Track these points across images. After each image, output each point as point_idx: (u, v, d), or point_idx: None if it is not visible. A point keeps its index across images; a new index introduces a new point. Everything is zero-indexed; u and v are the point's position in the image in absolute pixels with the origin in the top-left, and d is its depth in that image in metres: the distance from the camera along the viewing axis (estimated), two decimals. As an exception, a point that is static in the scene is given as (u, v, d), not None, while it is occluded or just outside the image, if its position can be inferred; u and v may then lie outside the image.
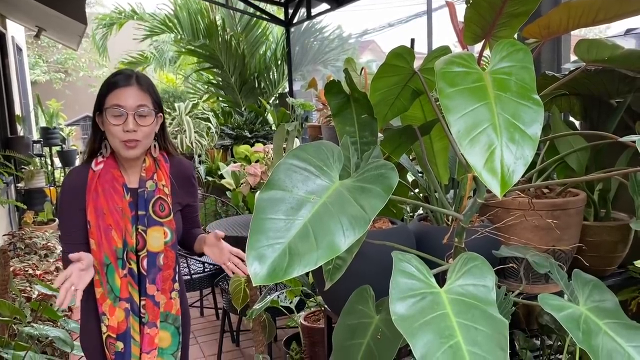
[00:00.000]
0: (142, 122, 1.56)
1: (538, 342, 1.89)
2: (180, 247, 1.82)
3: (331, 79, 1.47)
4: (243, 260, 1.63)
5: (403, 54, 1.24)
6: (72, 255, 1.49)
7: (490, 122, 0.87)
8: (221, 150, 6.01)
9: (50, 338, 2.19)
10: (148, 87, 1.60)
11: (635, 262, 1.49)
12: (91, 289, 1.62)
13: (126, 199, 1.62)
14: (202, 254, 1.79)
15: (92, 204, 1.59)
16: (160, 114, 1.66)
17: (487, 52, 1.27)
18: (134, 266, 1.63)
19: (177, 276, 1.71)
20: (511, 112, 0.89)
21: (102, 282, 1.61)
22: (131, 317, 1.63)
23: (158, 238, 1.64)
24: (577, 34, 2.31)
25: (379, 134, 1.48)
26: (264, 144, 5.57)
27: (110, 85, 1.57)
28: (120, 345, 1.63)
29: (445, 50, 1.22)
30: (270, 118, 6.31)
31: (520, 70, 0.95)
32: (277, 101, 6.77)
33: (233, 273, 1.65)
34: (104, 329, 1.63)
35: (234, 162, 5.18)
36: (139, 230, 1.62)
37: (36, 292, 3.34)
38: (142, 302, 1.64)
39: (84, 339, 1.72)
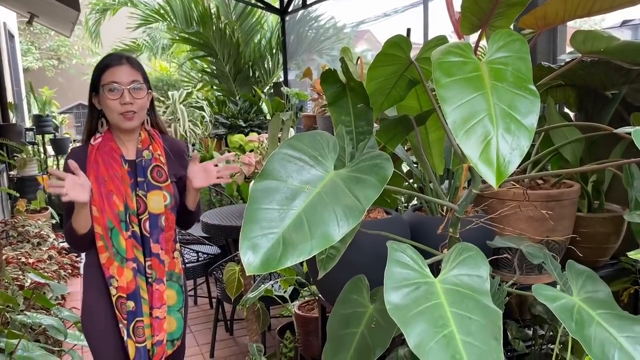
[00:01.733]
0: (136, 95, 1.72)
1: (530, 332, 1.90)
2: (180, 227, 1.95)
3: (326, 68, 1.46)
4: (228, 162, 1.85)
5: (400, 43, 1.23)
6: (70, 162, 1.62)
7: (486, 112, 0.86)
8: (215, 139, 5.98)
9: (43, 326, 2.19)
10: (137, 66, 1.77)
11: (628, 254, 1.50)
12: (94, 261, 1.74)
13: (124, 167, 1.74)
14: (196, 206, 1.90)
15: (93, 174, 1.70)
16: (150, 90, 1.80)
17: (482, 43, 1.26)
18: (136, 229, 1.74)
19: (176, 237, 1.85)
20: (507, 102, 0.89)
21: (108, 246, 1.71)
22: (138, 277, 1.74)
23: (158, 201, 1.76)
24: (572, 25, 2.31)
25: (374, 124, 1.47)
26: (259, 133, 5.55)
27: (104, 65, 1.73)
28: (131, 304, 1.73)
29: (442, 40, 1.21)
30: (264, 107, 6.28)
31: (516, 61, 0.95)
32: (272, 90, 6.73)
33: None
34: (113, 291, 1.72)
35: (228, 152, 5.16)
36: (139, 195, 1.74)
37: (29, 281, 3.33)
38: (147, 263, 1.75)
39: (90, 312, 1.80)
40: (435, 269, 0.99)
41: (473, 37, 1.32)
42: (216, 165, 1.82)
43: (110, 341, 1.77)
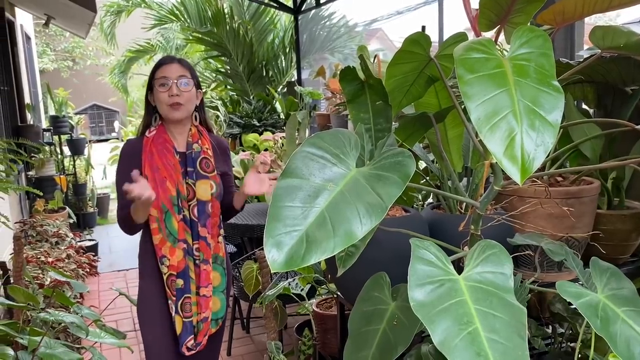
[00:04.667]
0: (183, 89, 1.88)
1: (549, 330, 1.89)
2: (222, 217, 2.04)
3: (340, 67, 1.46)
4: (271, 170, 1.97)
5: (419, 41, 1.23)
6: (134, 173, 1.70)
7: (510, 108, 0.86)
8: (230, 138, 6.00)
9: (63, 324, 2.21)
10: (187, 65, 1.94)
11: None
12: (148, 242, 1.91)
13: (176, 157, 1.90)
14: (241, 207, 2.05)
15: (148, 162, 1.87)
16: (200, 90, 1.98)
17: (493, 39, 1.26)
18: (186, 213, 1.89)
19: (221, 223, 2.00)
20: (531, 98, 0.88)
21: (161, 227, 1.87)
22: (187, 258, 1.89)
23: (206, 189, 1.91)
24: (587, 21, 2.29)
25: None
26: (273, 132, 5.56)
27: (157, 65, 1.93)
28: (180, 282, 1.87)
29: (462, 36, 1.21)
30: (278, 107, 6.29)
31: (539, 57, 0.95)
32: (285, 90, 6.75)
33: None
34: (164, 270, 1.87)
35: (243, 151, 5.18)
36: (189, 183, 1.90)
37: (49, 279, 3.37)
38: (195, 245, 1.90)
39: (144, 294, 1.97)
40: (457, 267, 1.00)
41: (485, 35, 1.31)
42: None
43: (160, 318, 1.91)
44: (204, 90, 2.28)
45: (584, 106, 2.18)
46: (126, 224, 1.89)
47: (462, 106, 1.41)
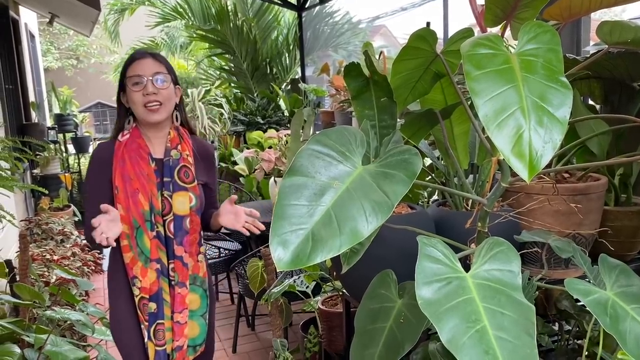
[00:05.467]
0: (160, 86, 1.67)
1: (556, 328, 1.88)
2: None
3: (343, 63, 1.45)
4: (259, 220, 1.75)
5: (425, 36, 1.22)
6: (103, 206, 1.58)
7: (518, 105, 0.86)
8: (234, 136, 6.00)
9: (69, 322, 2.22)
10: (162, 59, 1.74)
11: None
12: (118, 259, 1.72)
13: (151, 166, 1.70)
14: (218, 230, 1.86)
15: (119, 171, 1.68)
16: (178, 85, 1.77)
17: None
18: (161, 229, 1.70)
19: (201, 240, 1.79)
20: (539, 94, 0.88)
21: (132, 245, 1.68)
22: (161, 279, 1.70)
23: (183, 202, 1.71)
24: (593, 17, 2.28)
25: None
26: (277, 130, 5.55)
27: (128, 61, 1.71)
28: (153, 306, 1.69)
29: (468, 32, 1.20)
30: (282, 104, 6.29)
31: (547, 52, 0.94)
32: (289, 87, 6.74)
33: (250, 234, 1.73)
34: (136, 292, 1.69)
35: (247, 149, 5.18)
36: (165, 195, 1.70)
37: (54, 277, 3.38)
38: (171, 265, 1.71)
39: (115, 313, 1.78)
40: (464, 264, 0.99)
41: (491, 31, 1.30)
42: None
43: (135, 342, 1.74)
44: (208, 88, 2.21)
45: (591, 102, 2.17)
46: (95, 246, 1.69)
47: (469, 102, 1.40)
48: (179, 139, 1.76)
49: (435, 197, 2.46)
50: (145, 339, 1.70)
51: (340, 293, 2.44)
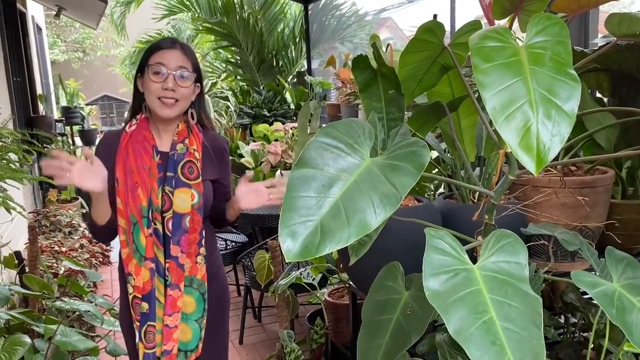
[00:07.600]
0: (181, 83, 1.60)
1: (562, 320, 1.89)
2: (214, 226, 1.83)
3: (350, 56, 1.45)
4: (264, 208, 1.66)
5: (433, 29, 1.22)
6: (84, 149, 1.53)
7: (526, 98, 0.86)
8: (240, 129, 6.01)
9: (78, 313, 2.25)
10: (190, 54, 1.65)
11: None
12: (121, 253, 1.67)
13: (155, 159, 1.63)
14: (237, 219, 1.79)
15: (122, 162, 1.61)
16: (199, 83, 1.69)
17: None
18: (159, 226, 1.62)
19: (203, 241, 1.68)
20: (547, 87, 0.88)
21: (129, 241, 1.63)
22: (156, 278, 1.63)
23: (185, 200, 1.62)
24: (601, 9, 2.27)
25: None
26: (283, 122, 5.56)
27: (155, 47, 1.63)
28: (145, 306, 1.63)
29: (476, 25, 1.20)
30: (288, 97, 6.29)
31: (556, 45, 0.94)
32: (295, 79, 6.73)
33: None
34: (130, 289, 1.64)
35: (253, 141, 5.19)
36: (166, 191, 1.62)
37: (63, 269, 3.42)
38: (167, 265, 1.63)
39: (121, 307, 1.76)
40: (470, 256, 1.00)
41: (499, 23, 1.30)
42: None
43: (130, 339, 1.72)
44: (214, 81, 2.15)
45: (598, 95, 2.16)
46: (91, 227, 1.67)
47: (476, 95, 1.40)
48: (187, 132, 1.68)
49: (441, 189, 2.46)
50: (137, 340, 1.65)
51: (347, 285, 2.46)
